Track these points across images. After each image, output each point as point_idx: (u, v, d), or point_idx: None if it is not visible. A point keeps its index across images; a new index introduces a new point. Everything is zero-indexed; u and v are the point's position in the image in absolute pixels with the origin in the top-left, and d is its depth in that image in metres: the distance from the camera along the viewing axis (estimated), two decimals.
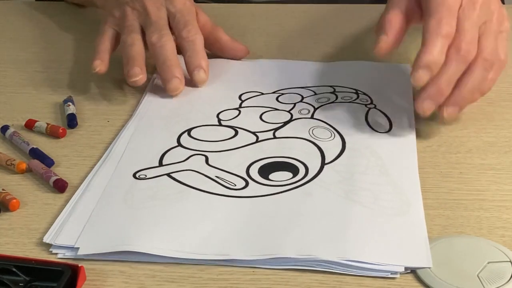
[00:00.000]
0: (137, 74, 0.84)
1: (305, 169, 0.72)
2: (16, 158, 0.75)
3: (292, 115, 0.82)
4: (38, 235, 0.65)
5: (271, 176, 0.72)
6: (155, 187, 0.71)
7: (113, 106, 0.86)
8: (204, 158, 0.75)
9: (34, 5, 1.14)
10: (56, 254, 0.63)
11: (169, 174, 0.72)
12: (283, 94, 0.87)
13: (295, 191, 0.69)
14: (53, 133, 0.80)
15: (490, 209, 0.67)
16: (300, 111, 0.82)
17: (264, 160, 0.74)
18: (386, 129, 0.79)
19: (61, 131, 0.80)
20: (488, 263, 0.60)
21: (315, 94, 0.86)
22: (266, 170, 0.73)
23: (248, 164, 0.73)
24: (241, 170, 0.73)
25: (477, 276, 0.59)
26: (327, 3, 1.10)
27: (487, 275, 0.59)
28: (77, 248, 0.63)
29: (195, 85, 0.87)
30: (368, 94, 0.86)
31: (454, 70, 0.73)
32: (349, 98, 0.85)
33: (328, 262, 0.60)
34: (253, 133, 0.79)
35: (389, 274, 0.60)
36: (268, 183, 0.71)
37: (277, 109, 0.83)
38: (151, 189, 0.70)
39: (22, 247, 0.64)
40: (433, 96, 0.74)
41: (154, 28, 0.87)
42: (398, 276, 0.60)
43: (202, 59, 0.87)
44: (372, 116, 0.81)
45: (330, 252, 0.61)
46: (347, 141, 0.77)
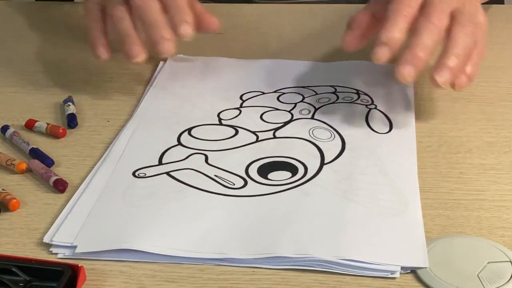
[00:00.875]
0: (137, 53, 0.83)
1: (304, 169, 0.72)
2: (16, 158, 0.75)
3: (292, 115, 0.82)
4: (38, 235, 0.65)
5: (270, 175, 0.72)
6: (154, 185, 0.71)
7: (113, 106, 0.86)
8: (203, 157, 0.75)
9: (34, 5, 1.14)
10: (56, 254, 0.63)
11: (168, 173, 0.72)
12: (284, 94, 0.87)
13: (294, 190, 0.69)
14: (53, 133, 0.80)
15: (490, 209, 0.67)
16: (300, 111, 0.82)
17: (264, 159, 0.74)
18: (386, 129, 0.79)
19: (61, 131, 0.80)
20: (488, 263, 0.60)
21: (316, 94, 0.86)
22: (265, 170, 0.73)
23: (247, 164, 0.73)
24: (240, 170, 0.73)
25: (477, 276, 0.59)
26: (328, 3, 1.10)
27: (487, 275, 0.59)
28: (76, 246, 0.63)
29: (181, 38, 0.83)
30: (369, 95, 0.86)
31: (426, 36, 0.75)
32: (350, 98, 0.85)
33: (327, 262, 0.60)
34: (253, 132, 0.79)
35: (389, 274, 0.60)
36: (267, 183, 0.71)
37: (277, 109, 0.83)
38: (150, 187, 0.70)
39: (22, 247, 0.64)
40: (409, 61, 0.75)
41: None
42: (398, 276, 0.60)
43: (186, 15, 0.83)
44: (372, 117, 0.81)
45: (327, 251, 0.61)
46: (347, 141, 0.77)
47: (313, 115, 0.82)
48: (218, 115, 0.82)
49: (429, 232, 0.64)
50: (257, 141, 0.78)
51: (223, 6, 1.11)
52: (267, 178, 0.71)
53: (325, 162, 0.74)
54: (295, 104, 0.84)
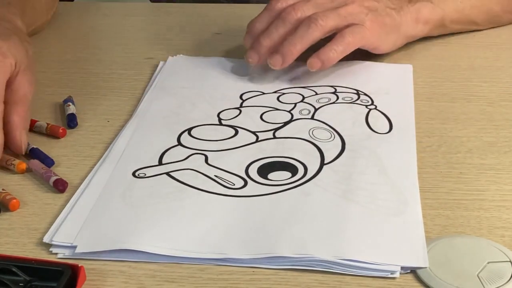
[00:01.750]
0: None
1: (304, 169, 0.72)
2: (16, 158, 0.75)
3: (292, 115, 0.82)
4: (38, 235, 0.65)
5: (270, 175, 0.72)
6: (154, 185, 0.71)
7: (113, 106, 0.86)
8: (203, 157, 0.75)
9: None
10: (56, 254, 0.63)
11: (168, 173, 0.72)
12: (284, 94, 0.87)
13: (293, 190, 0.69)
14: (53, 133, 0.80)
15: (490, 209, 0.67)
16: (300, 111, 0.82)
17: (264, 160, 0.74)
18: (386, 130, 0.79)
19: (61, 131, 0.80)
20: (488, 263, 0.60)
21: (316, 94, 0.86)
22: (265, 170, 0.73)
23: (247, 164, 0.73)
24: (240, 170, 0.73)
25: (477, 276, 0.59)
26: None
27: (487, 275, 0.59)
28: (76, 246, 0.63)
29: None
30: (369, 95, 0.86)
31: (272, 26, 0.89)
32: (350, 98, 0.85)
33: (327, 261, 0.60)
34: (253, 132, 0.79)
35: (389, 274, 0.60)
36: (267, 183, 0.71)
37: (277, 109, 0.83)
38: (150, 187, 0.70)
39: (22, 247, 0.64)
40: (253, 46, 0.89)
41: None
42: (397, 276, 0.60)
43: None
44: (372, 117, 0.81)
45: (327, 251, 0.61)
46: (347, 142, 0.77)
47: (313, 115, 0.82)
48: (218, 115, 0.82)
49: (429, 232, 0.64)
50: (257, 141, 0.78)
51: (223, 6, 1.11)
52: (267, 178, 0.71)
53: (325, 162, 0.74)
54: (295, 104, 0.84)
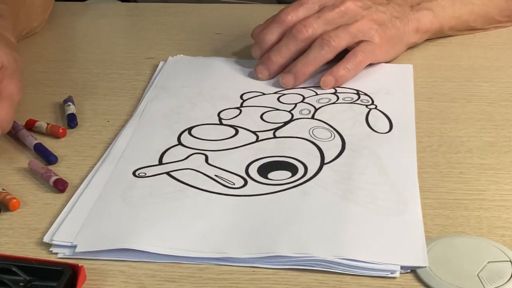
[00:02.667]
0: None
1: (304, 168, 0.72)
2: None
3: (292, 115, 0.82)
4: (38, 235, 0.65)
5: (270, 175, 0.72)
6: (154, 185, 0.71)
7: (113, 106, 0.86)
8: (204, 157, 0.75)
9: None
10: (56, 253, 0.63)
11: (168, 173, 0.72)
12: (284, 94, 0.87)
13: (293, 190, 0.69)
14: (53, 133, 0.80)
15: (490, 209, 0.67)
16: (301, 111, 0.83)
17: (264, 159, 0.74)
18: (386, 129, 0.79)
19: (61, 131, 0.80)
20: (488, 262, 0.60)
21: (316, 94, 0.86)
22: (265, 169, 0.73)
23: (247, 163, 0.73)
24: (240, 169, 0.73)
25: (477, 275, 0.59)
26: None
27: (487, 275, 0.59)
28: (76, 246, 0.63)
29: None
30: (369, 95, 0.86)
31: (282, 43, 0.88)
32: (350, 99, 0.85)
33: (327, 261, 0.60)
34: (253, 132, 0.79)
35: (389, 273, 0.60)
36: (267, 182, 0.71)
37: (278, 109, 0.83)
38: (150, 187, 0.70)
39: (22, 247, 0.64)
40: (264, 62, 0.89)
41: None
42: (397, 275, 0.60)
43: None
44: (372, 117, 0.81)
45: (327, 251, 0.61)
46: (347, 141, 0.77)
47: (313, 115, 0.82)
48: (218, 115, 0.82)
49: (429, 232, 0.64)
50: (257, 141, 0.78)
51: (223, 6, 1.12)
52: (267, 178, 0.71)
53: (325, 162, 0.74)
54: (295, 104, 0.84)
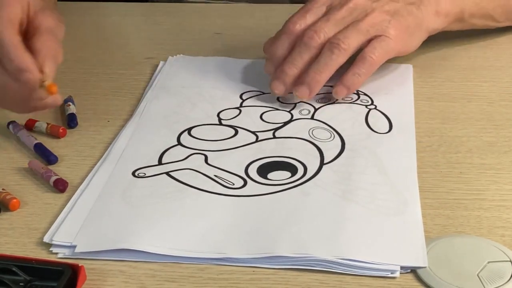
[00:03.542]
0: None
1: (304, 169, 0.72)
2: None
3: (292, 115, 0.82)
4: (38, 234, 0.65)
5: (269, 175, 0.72)
6: (154, 185, 0.71)
7: (113, 106, 0.86)
8: (203, 157, 0.75)
9: None
10: (56, 253, 0.63)
11: (168, 173, 0.72)
12: None
13: (293, 190, 0.69)
14: (53, 133, 0.80)
15: (490, 209, 0.67)
16: (300, 111, 0.83)
17: (263, 159, 0.74)
18: (386, 129, 0.79)
19: (61, 131, 0.80)
20: (488, 262, 0.60)
21: (316, 94, 0.86)
22: (265, 170, 0.73)
23: (247, 164, 0.74)
24: (240, 169, 0.73)
25: (477, 275, 0.59)
26: None
27: (487, 275, 0.59)
28: (76, 246, 0.63)
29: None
30: (368, 95, 0.86)
31: (295, 53, 0.83)
32: (350, 98, 0.85)
33: (327, 261, 0.60)
34: (253, 132, 0.79)
35: (389, 273, 0.60)
36: (267, 183, 0.71)
37: (277, 109, 0.83)
38: (149, 187, 0.70)
39: (22, 247, 0.64)
40: (278, 76, 0.83)
41: None
42: (397, 275, 0.60)
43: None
44: (372, 117, 0.81)
45: (327, 251, 0.61)
46: (347, 141, 0.77)
47: (312, 116, 0.82)
48: (218, 115, 0.82)
49: (429, 232, 0.64)
50: (256, 141, 0.78)
51: (223, 6, 1.12)
52: (267, 178, 0.71)
53: (325, 162, 0.74)
54: (295, 104, 0.84)
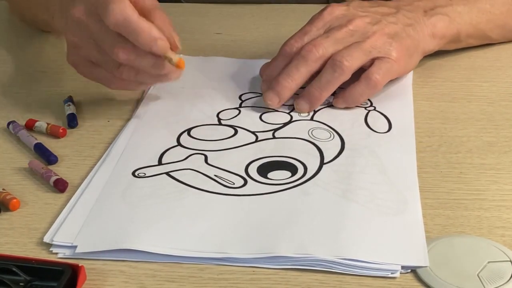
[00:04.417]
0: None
1: (304, 168, 0.72)
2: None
3: (291, 117, 0.82)
4: (38, 234, 0.65)
5: (269, 175, 0.72)
6: (154, 185, 0.71)
7: (113, 106, 0.86)
8: (203, 157, 0.75)
9: None
10: (56, 253, 0.63)
11: (168, 173, 0.72)
12: None
13: (293, 190, 0.70)
14: (53, 133, 0.80)
15: (490, 209, 0.67)
16: (300, 113, 0.83)
17: (263, 159, 0.74)
18: (385, 129, 0.79)
19: (61, 131, 0.80)
20: (488, 262, 0.60)
21: None
22: (265, 169, 0.73)
23: (247, 163, 0.74)
24: (240, 169, 0.73)
25: (477, 275, 0.59)
26: (328, 3, 1.10)
27: (487, 275, 0.59)
28: (76, 246, 0.63)
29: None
30: None
31: (292, 65, 0.82)
32: None
33: (327, 261, 0.60)
34: (253, 132, 0.79)
35: (389, 273, 0.60)
36: (267, 182, 0.71)
37: (277, 110, 0.83)
38: (150, 187, 0.70)
39: (22, 247, 0.64)
40: (273, 87, 0.82)
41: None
42: (398, 275, 0.60)
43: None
44: (371, 118, 0.81)
45: (327, 251, 0.61)
46: (346, 141, 0.77)
47: (312, 117, 0.82)
48: (218, 115, 0.82)
49: (429, 232, 0.64)
50: (256, 141, 0.78)
51: (223, 6, 1.12)
52: (267, 178, 0.71)
53: (325, 161, 0.74)
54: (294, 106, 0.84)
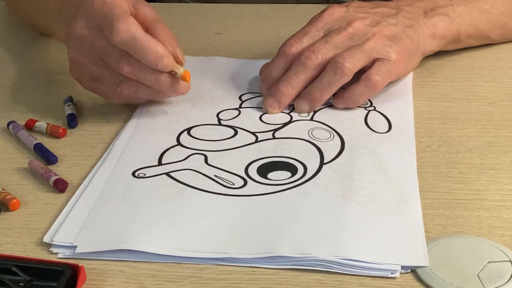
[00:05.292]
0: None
1: (304, 168, 0.72)
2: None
3: (291, 117, 0.82)
4: (38, 234, 0.65)
5: (269, 175, 0.72)
6: (154, 186, 0.71)
7: (113, 106, 0.85)
8: (203, 157, 0.75)
9: None
10: (56, 253, 0.63)
11: (168, 173, 0.72)
12: None
13: (293, 190, 0.70)
14: (53, 133, 0.80)
15: (490, 209, 0.67)
16: (299, 113, 0.82)
17: (263, 159, 0.74)
18: (385, 129, 0.79)
19: (61, 131, 0.80)
20: (488, 262, 0.60)
21: None
22: (265, 170, 0.73)
23: (247, 164, 0.74)
24: (240, 169, 0.73)
25: (477, 275, 0.59)
26: (328, 3, 1.10)
27: (487, 275, 0.59)
28: (76, 246, 0.63)
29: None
30: None
31: (291, 71, 0.82)
32: None
33: (327, 261, 0.60)
34: (253, 133, 0.79)
35: (389, 273, 0.60)
36: (267, 182, 0.71)
37: None
38: (149, 187, 0.70)
39: (22, 247, 0.64)
40: (272, 94, 0.83)
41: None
42: (398, 275, 0.60)
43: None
44: (371, 118, 0.81)
45: (327, 251, 0.61)
46: (346, 141, 0.77)
47: (312, 117, 0.82)
48: (217, 115, 0.82)
49: (429, 232, 0.64)
50: (256, 141, 0.78)
51: (223, 6, 1.12)
52: (267, 178, 0.71)
53: (325, 161, 0.74)
54: (294, 106, 0.84)
